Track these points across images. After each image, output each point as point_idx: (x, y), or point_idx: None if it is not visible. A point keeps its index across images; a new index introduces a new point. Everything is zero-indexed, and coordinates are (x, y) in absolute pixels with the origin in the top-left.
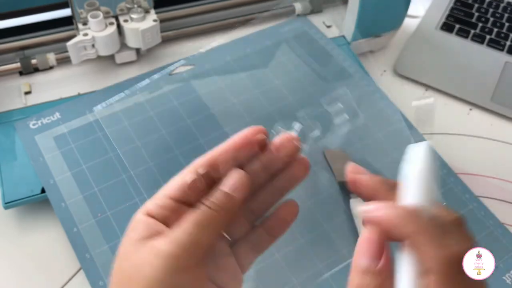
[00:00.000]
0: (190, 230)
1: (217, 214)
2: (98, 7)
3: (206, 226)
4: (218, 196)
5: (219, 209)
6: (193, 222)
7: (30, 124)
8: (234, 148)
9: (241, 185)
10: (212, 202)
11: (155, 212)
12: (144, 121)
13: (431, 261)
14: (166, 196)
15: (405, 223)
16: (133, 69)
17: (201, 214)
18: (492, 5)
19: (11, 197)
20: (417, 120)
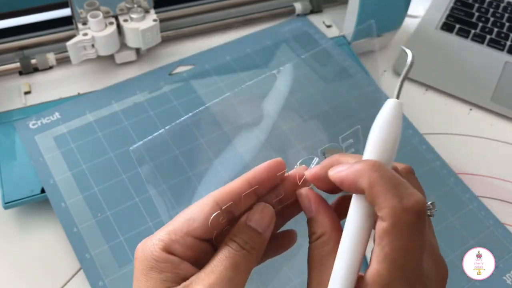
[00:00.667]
0: (227, 274)
1: (249, 254)
2: (98, 7)
3: (242, 269)
4: (251, 235)
5: (252, 250)
6: (229, 265)
7: (30, 124)
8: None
9: (271, 223)
10: (246, 243)
11: (176, 250)
12: (144, 121)
13: (385, 210)
14: (188, 234)
15: (362, 176)
16: (133, 69)
17: (236, 256)
18: (492, 5)
19: (11, 197)
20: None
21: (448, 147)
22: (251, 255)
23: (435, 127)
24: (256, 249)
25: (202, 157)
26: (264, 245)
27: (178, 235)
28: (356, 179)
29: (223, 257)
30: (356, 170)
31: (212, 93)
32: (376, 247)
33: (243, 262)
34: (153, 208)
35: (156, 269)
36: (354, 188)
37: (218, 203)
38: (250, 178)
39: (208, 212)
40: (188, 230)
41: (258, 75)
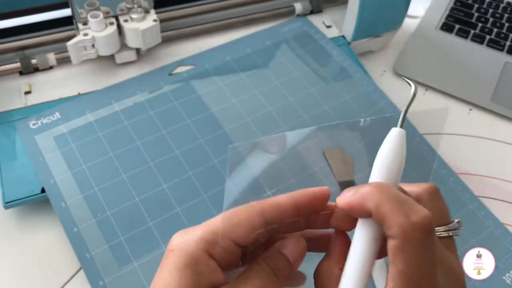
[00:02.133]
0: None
1: (278, 281)
2: (98, 7)
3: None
4: (284, 263)
5: (281, 277)
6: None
7: (30, 124)
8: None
9: (302, 256)
10: (278, 269)
11: (216, 251)
12: (144, 121)
13: (394, 228)
14: (229, 238)
15: (369, 198)
16: (133, 69)
17: (266, 279)
18: (492, 5)
19: (11, 197)
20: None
21: (448, 147)
22: (279, 281)
23: (435, 127)
24: (284, 277)
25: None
26: (290, 276)
27: (221, 238)
28: (363, 202)
29: (254, 275)
30: (362, 193)
31: (212, 93)
32: (390, 265)
33: (270, 286)
34: (153, 208)
35: (193, 269)
36: (362, 211)
37: (265, 216)
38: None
39: (254, 222)
40: (232, 235)
41: (258, 75)
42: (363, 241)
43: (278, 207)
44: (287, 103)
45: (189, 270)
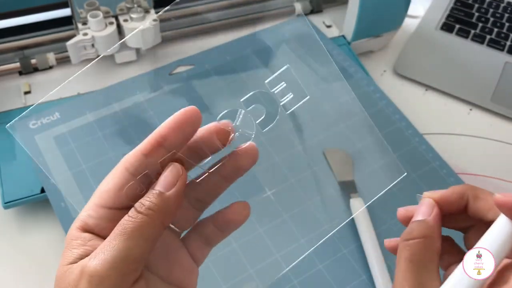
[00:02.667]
0: (118, 244)
1: (149, 219)
2: (98, 7)
3: (136, 235)
4: (150, 197)
5: (152, 213)
6: (120, 234)
7: (30, 124)
8: (164, 138)
9: (177, 181)
10: (142, 205)
11: (90, 223)
12: (144, 121)
13: None
14: (100, 205)
15: None
16: (133, 69)
17: (131, 224)
18: (492, 5)
19: (11, 197)
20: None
21: (448, 147)
22: (152, 220)
23: (435, 127)
24: (157, 211)
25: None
26: (169, 205)
27: (92, 209)
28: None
29: (118, 226)
30: None
31: (212, 93)
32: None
33: (136, 227)
34: None
35: (69, 247)
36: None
37: (128, 169)
38: (157, 135)
39: (118, 181)
40: (100, 202)
41: (258, 75)
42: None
43: (137, 152)
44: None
45: (66, 249)
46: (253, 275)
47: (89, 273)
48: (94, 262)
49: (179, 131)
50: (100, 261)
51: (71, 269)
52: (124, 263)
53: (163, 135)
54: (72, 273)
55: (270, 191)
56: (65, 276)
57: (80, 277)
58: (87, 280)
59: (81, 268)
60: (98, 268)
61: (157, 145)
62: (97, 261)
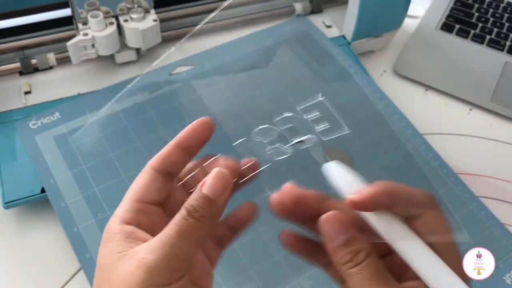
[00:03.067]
0: (172, 241)
1: (199, 223)
2: (98, 7)
3: (189, 237)
4: (201, 202)
5: (202, 218)
6: (174, 233)
7: (30, 124)
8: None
9: (225, 189)
10: (196, 211)
11: (128, 217)
12: (144, 121)
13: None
14: (135, 201)
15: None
16: (133, 69)
17: (184, 223)
18: (492, 5)
19: (11, 197)
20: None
21: (448, 147)
22: (201, 223)
23: (435, 127)
24: (208, 217)
25: None
26: (218, 213)
27: (127, 205)
28: None
29: (171, 224)
30: None
31: (212, 93)
32: None
33: (190, 230)
34: None
35: (111, 240)
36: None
37: (155, 168)
38: (179, 139)
39: (147, 178)
40: (134, 197)
41: (258, 75)
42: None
43: (162, 155)
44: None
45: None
46: (253, 275)
47: (147, 264)
48: (152, 256)
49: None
50: (159, 255)
51: (124, 258)
52: (177, 260)
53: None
54: (126, 261)
55: (270, 191)
56: (118, 264)
57: (137, 267)
58: (144, 271)
59: (139, 259)
60: (157, 261)
61: (175, 147)
62: (155, 255)
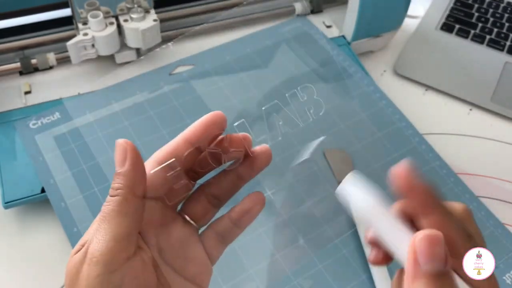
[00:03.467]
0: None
1: (119, 198)
2: (98, 7)
3: (117, 215)
4: (115, 181)
5: (120, 191)
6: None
7: (30, 124)
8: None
9: (123, 156)
10: (112, 189)
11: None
12: (144, 121)
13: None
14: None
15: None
16: (133, 69)
17: (107, 208)
18: (492, 5)
19: (11, 196)
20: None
21: (448, 147)
22: (121, 196)
23: (435, 127)
24: (124, 187)
25: None
26: (134, 178)
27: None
28: None
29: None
30: None
31: (212, 93)
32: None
33: (115, 209)
34: None
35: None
36: None
37: (159, 163)
38: (187, 134)
39: (149, 171)
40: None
41: (258, 75)
42: None
43: (169, 150)
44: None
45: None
46: (253, 275)
47: (89, 256)
48: (91, 247)
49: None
50: (94, 245)
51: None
52: (113, 243)
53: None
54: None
55: (270, 191)
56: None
57: (81, 261)
58: (87, 264)
59: (83, 253)
60: (94, 251)
61: (183, 142)
62: (92, 245)
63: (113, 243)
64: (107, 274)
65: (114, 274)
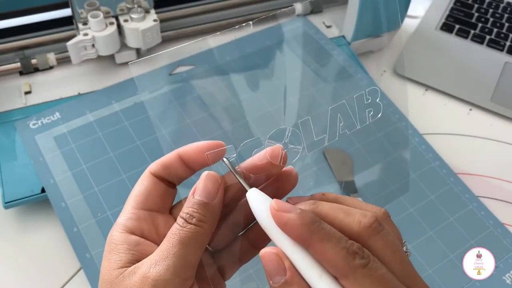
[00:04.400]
0: (173, 250)
1: (200, 229)
2: (98, 7)
3: (190, 244)
4: (196, 208)
5: (200, 222)
6: (175, 242)
7: (30, 124)
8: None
9: (217, 190)
10: (191, 217)
11: (132, 226)
12: (144, 121)
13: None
14: (136, 207)
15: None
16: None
17: (182, 232)
18: (492, 5)
19: (11, 196)
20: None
21: (448, 147)
22: (200, 227)
23: (435, 127)
24: (205, 221)
25: None
26: (215, 214)
27: (130, 212)
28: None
29: (169, 234)
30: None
31: (212, 93)
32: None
33: (190, 236)
34: None
35: (114, 251)
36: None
37: (155, 174)
38: (181, 152)
39: (147, 184)
40: (136, 205)
41: (258, 75)
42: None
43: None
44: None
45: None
46: (253, 275)
47: (153, 278)
48: (156, 269)
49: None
50: (163, 268)
51: (126, 274)
52: (184, 269)
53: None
54: (129, 278)
55: None
56: (120, 280)
57: (141, 282)
58: (151, 285)
59: (143, 274)
60: (161, 274)
61: (178, 158)
62: (159, 268)
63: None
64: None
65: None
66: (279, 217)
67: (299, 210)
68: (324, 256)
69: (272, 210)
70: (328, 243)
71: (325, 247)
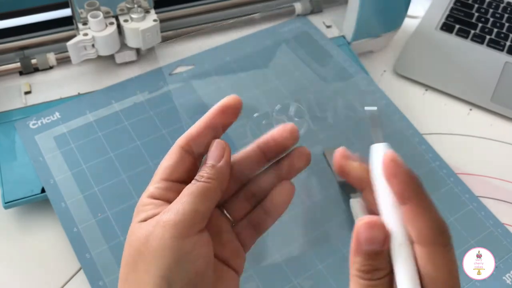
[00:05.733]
0: (187, 200)
1: (208, 184)
2: (98, 7)
3: (201, 196)
4: (206, 169)
5: (209, 180)
6: (188, 194)
7: (30, 124)
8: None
9: (223, 154)
10: (202, 176)
11: (157, 193)
12: (144, 121)
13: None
14: (164, 179)
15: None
16: (133, 69)
17: (195, 187)
18: (492, 5)
19: (11, 196)
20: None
21: (448, 147)
22: (208, 184)
23: (435, 127)
24: (215, 179)
25: None
26: (222, 174)
27: (158, 182)
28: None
29: (185, 190)
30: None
31: (212, 93)
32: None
33: (201, 191)
34: None
35: (141, 211)
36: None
37: (183, 147)
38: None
39: (175, 157)
40: (164, 176)
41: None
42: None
43: (190, 134)
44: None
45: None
46: (253, 275)
47: (164, 220)
48: (168, 214)
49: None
50: (173, 212)
51: (146, 223)
52: (192, 214)
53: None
54: (148, 224)
55: None
56: (140, 228)
57: (155, 226)
58: (161, 226)
59: (157, 219)
60: (171, 217)
61: (204, 126)
62: (170, 213)
63: (192, 215)
64: (180, 238)
65: (186, 240)
66: (389, 167)
67: (409, 169)
68: (415, 218)
69: (386, 159)
70: (425, 209)
71: (420, 211)
